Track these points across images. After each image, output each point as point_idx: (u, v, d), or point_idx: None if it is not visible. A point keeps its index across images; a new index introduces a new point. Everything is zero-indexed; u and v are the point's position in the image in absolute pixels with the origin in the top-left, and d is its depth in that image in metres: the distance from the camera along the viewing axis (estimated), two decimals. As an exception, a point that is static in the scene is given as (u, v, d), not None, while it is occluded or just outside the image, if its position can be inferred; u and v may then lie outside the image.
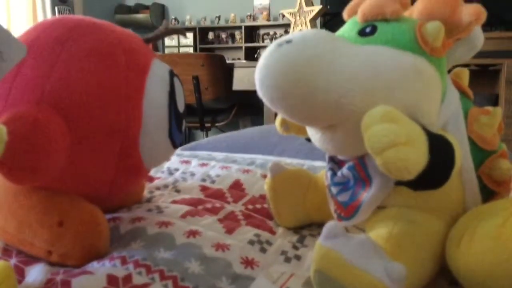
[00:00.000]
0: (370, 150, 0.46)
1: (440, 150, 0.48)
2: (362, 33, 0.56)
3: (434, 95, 0.53)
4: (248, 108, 3.92)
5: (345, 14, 0.62)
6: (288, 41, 0.53)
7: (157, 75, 0.61)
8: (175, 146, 0.65)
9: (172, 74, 0.63)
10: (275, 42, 0.55)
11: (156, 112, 0.59)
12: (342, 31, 0.59)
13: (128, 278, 0.49)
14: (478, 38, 0.58)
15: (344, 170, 0.58)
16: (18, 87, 0.54)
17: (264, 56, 0.55)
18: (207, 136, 3.18)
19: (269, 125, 2.82)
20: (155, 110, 0.59)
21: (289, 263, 0.60)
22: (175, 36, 4.73)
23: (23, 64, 0.54)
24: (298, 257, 0.61)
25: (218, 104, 3.41)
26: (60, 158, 0.51)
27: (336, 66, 0.51)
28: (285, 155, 1.16)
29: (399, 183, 0.52)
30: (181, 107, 0.65)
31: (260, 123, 3.62)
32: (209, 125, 3.19)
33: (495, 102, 2.67)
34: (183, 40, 4.78)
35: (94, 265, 0.52)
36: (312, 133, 0.60)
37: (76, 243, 0.53)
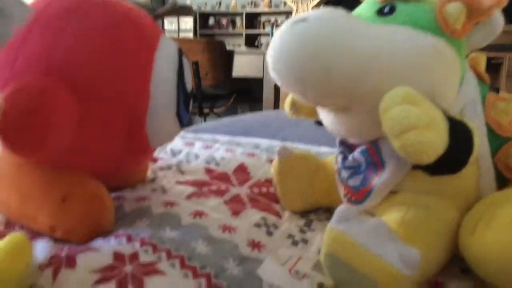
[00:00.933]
0: (389, 132, 0.44)
1: (459, 135, 0.47)
2: (380, 12, 0.54)
3: (453, 78, 0.52)
4: (247, 95, 3.90)
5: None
6: (304, 19, 0.51)
7: (166, 52, 0.59)
8: (182, 124, 0.63)
9: (180, 52, 0.62)
10: (289, 21, 0.53)
11: (164, 89, 0.58)
12: (359, 10, 0.58)
13: (134, 255, 0.48)
14: (497, 23, 0.56)
15: (356, 154, 0.57)
16: (25, 55, 0.52)
17: (278, 35, 0.53)
18: (205, 122, 3.16)
19: (267, 111, 2.81)
20: (163, 86, 0.58)
21: (296, 246, 0.59)
22: (174, 20, 4.68)
23: (31, 33, 0.52)
24: (305, 241, 0.60)
25: (217, 91, 3.39)
26: (67, 131, 0.49)
27: (353, 45, 0.49)
28: (287, 141, 1.15)
29: (415, 167, 0.50)
30: (188, 86, 0.63)
31: (259, 110, 3.61)
32: (207, 111, 3.17)
33: (495, 96, 2.66)
34: (183, 25, 4.73)
35: (99, 242, 0.51)
36: (324, 115, 0.59)
37: (80, 219, 0.52)
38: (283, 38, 0.52)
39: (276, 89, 3.61)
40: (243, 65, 3.74)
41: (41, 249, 0.49)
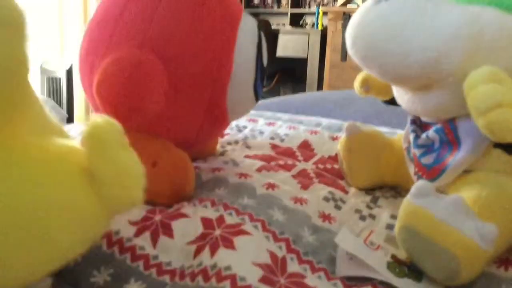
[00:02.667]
0: (474, 111, 0.45)
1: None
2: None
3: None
4: (290, 76, 3.89)
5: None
6: (379, 1, 0.52)
7: (247, 27, 0.62)
8: (258, 98, 0.66)
9: (260, 27, 0.64)
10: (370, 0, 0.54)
11: (245, 64, 0.60)
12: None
13: (221, 219, 0.51)
14: None
15: (430, 132, 0.58)
16: (121, 31, 0.55)
17: (360, 13, 0.55)
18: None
19: (320, 91, 2.79)
20: (244, 61, 0.60)
21: (364, 221, 0.61)
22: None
23: (126, 8, 0.56)
24: (372, 216, 0.62)
25: (261, 70, 3.38)
26: (161, 99, 0.53)
27: (436, 23, 0.50)
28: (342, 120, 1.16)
29: (496, 146, 0.51)
30: (265, 61, 0.66)
31: (302, 91, 3.60)
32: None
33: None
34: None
35: (186, 206, 0.55)
36: (400, 93, 0.60)
37: (168, 183, 0.56)
38: (364, 17, 0.54)
39: (320, 69, 3.59)
40: (287, 44, 3.72)
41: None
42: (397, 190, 0.71)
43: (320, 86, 3.59)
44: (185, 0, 0.57)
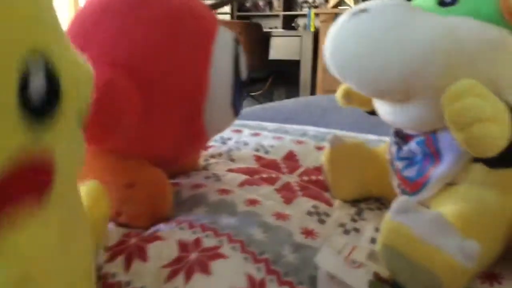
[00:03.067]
0: (453, 125, 0.44)
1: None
2: (441, 3, 0.53)
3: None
4: (283, 78, 3.88)
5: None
6: (364, 10, 0.51)
7: (223, 42, 0.60)
8: (237, 114, 0.65)
9: (237, 41, 0.63)
10: (349, 11, 0.53)
11: (222, 79, 0.59)
12: (419, 0, 0.57)
13: (197, 241, 0.50)
14: None
15: (412, 144, 0.57)
16: (92, 47, 0.54)
17: (337, 26, 0.54)
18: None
19: (310, 97, 2.79)
20: (221, 76, 0.59)
21: (348, 235, 0.60)
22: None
23: (99, 24, 0.55)
24: (357, 230, 0.61)
25: (253, 73, 3.38)
26: (133, 120, 0.52)
27: (415, 36, 0.49)
28: (331, 128, 1.15)
29: (476, 160, 0.50)
30: (244, 75, 0.65)
31: (295, 93, 3.60)
32: (245, 94, 3.17)
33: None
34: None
35: (162, 228, 0.54)
36: (380, 106, 0.59)
37: (144, 205, 0.55)
38: (341, 30, 0.53)
39: (313, 71, 3.58)
40: (280, 47, 3.72)
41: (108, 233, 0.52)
42: (383, 201, 0.70)
43: (313, 88, 3.58)
44: (158, 16, 0.56)
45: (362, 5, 0.52)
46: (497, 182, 0.52)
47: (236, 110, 0.64)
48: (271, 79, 3.40)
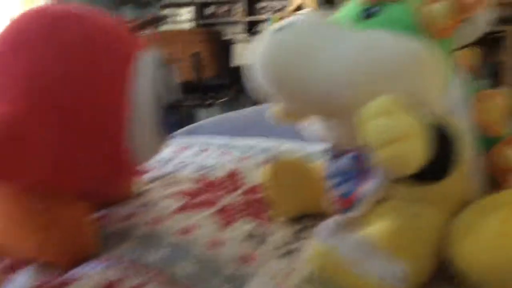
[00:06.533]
0: (368, 146, 0.43)
1: (442, 143, 0.45)
2: (363, 15, 0.52)
3: (438, 81, 0.50)
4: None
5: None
6: (279, 29, 0.50)
7: (143, 65, 0.57)
8: (165, 138, 0.62)
9: (160, 62, 0.60)
10: (271, 28, 0.52)
11: (143, 104, 0.56)
12: (344, 11, 0.56)
13: (121, 280, 0.48)
14: (482, 20, 0.54)
15: (345, 161, 0.55)
16: (7, 78, 0.51)
17: (260, 43, 0.52)
18: (208, 114, 3.15)
19: (266, 105, 2.78)
20: (141, 102, 0.56)
21: (287, 256, 0.58)
22: (172, 12, 4.64)
23: (5, 57, 0.52)
24: (297, 250, 0.59)
25: (218, 81, 3.36)
26: (45, 157, 0.49)
27: (328, 56, 0.48)
28: (286, 136, 1.13)
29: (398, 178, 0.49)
30: (171, 95, 0.62)
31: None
32: (210, 102, 3.15)
33: (496, 70, 2.63)
34: (183, 15, 4.70)
35: (85, 269, 0.51)
36: (311, 121, 0.58)
37: (64, 246, 0.52)
38: (262, 47, 0.51)
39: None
40: (243, 53, 3.71)
41: (24, 279, 0.49)
42: (324, 218, 0.68)
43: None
44: (68, 41, 0.53)
45: (286, 21, 0.51)
46: (426, 196, 0.51)
47: (163, 135, 0.61)
48: (235, 87, 3.37)
